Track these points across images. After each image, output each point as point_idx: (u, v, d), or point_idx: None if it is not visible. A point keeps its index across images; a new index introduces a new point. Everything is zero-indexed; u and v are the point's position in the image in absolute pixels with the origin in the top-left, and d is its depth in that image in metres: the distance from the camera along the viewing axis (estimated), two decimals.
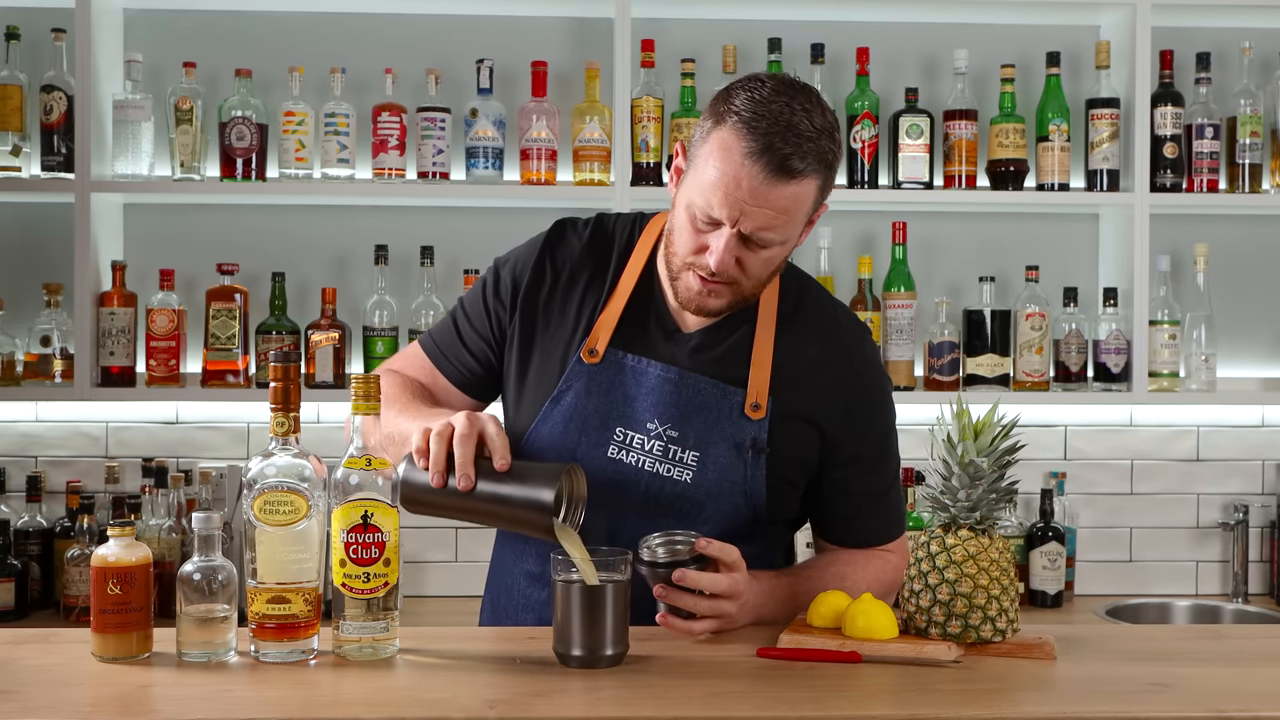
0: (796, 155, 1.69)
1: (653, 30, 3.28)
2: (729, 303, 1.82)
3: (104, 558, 1.60)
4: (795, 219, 1.74)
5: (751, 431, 1.84)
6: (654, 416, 1.84)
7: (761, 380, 1.85)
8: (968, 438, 1.66)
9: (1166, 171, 3.26)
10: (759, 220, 1.72)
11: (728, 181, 1.70)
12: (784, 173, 1.69)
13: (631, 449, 1.84)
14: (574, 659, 1.58)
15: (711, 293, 1.79)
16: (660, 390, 1.85)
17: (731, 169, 1.70)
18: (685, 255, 1.78)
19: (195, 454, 3.32)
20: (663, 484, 1.82)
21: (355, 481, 1.61)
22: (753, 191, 1.69)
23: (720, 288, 1.79)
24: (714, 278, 1.77)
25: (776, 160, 1.68)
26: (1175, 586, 3.46)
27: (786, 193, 1.70)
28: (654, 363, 1.86)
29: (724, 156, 1.70)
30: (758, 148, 1.68)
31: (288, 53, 3.29)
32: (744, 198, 1.70)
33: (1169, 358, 3.28)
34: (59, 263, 3.21)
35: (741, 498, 1.84)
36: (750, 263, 1.77)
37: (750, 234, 1.73)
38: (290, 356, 1.63)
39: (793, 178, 1.70)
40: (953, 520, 1.68)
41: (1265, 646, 1.79)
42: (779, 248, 1.77)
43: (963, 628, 1.64)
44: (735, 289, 1.79)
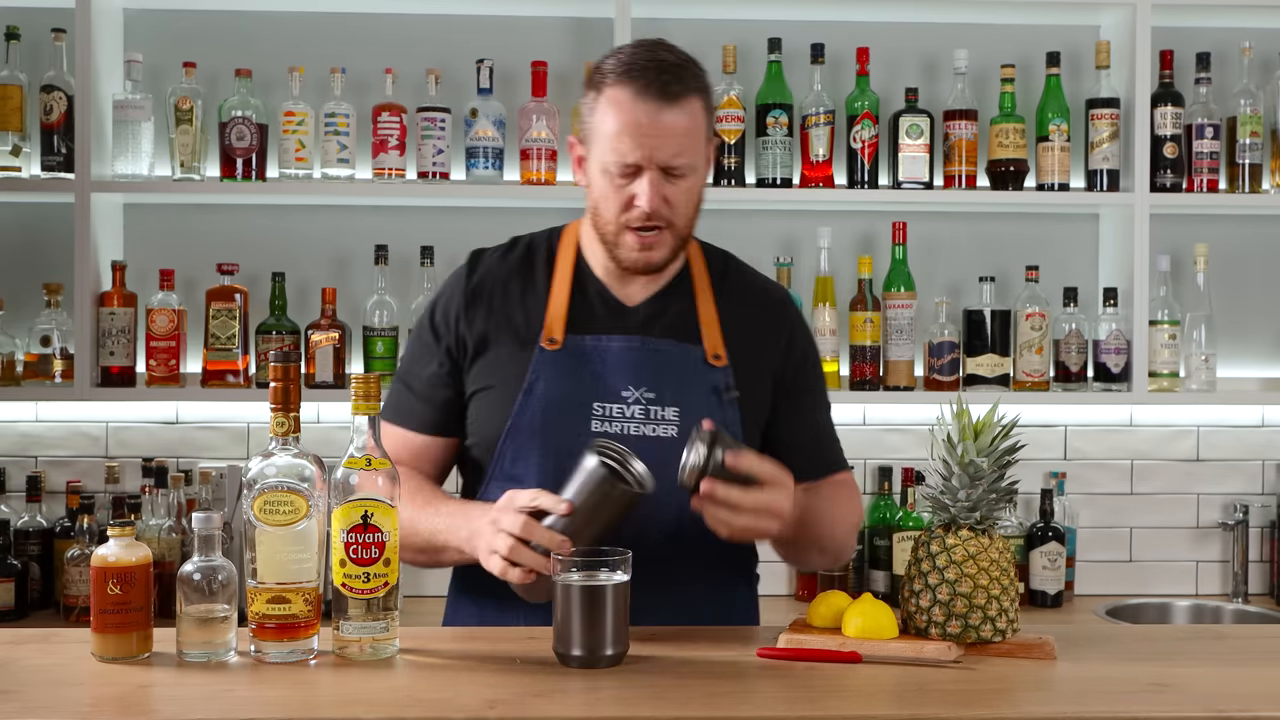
0: (675, 80, 1.87)
1: (653, 30, 3.26)
2: (670, 248, 1.93)
3: (104, 558, 1.61)
4: (696, 140, 1.89)
5: (719, 378, 1.97)
6: (627, 384, 1.94)
7: (714, 335, 1.99)
8: (968, 438, 1.66)
9: (1166, 171, 3.26)
10: (669, 149, 1.86)
11: (630, 125, 1.86)
12: (671, 97, 1.86)
13: (613, 419, 1.92)
14: (574, 659, 1.59)
15: (652, 244, 1.91)
16: (626, 360, 1.95)
17: (628, 114, 1.86)
18: (616, 217, 1.91)
19: (195, 454, 3.32)
20: (650, 445, 1.89)
21: (355, 481, 1.61)
22: (653, 124, 1.85)
23: (657, 235, 1.91)
24: (649, 224, 1.89)
25: (661, 90, 1.86)
26: (1175, 586, 3.46)
27: (680, 115, 1.86)
28: (614, 337, 1.97)
29: (618, 109, 1.87)
30: (641, 86, 1.86)
31: (288, 53, 3.29)
32: (648, 132, 1.85)
33: (1169, 358, 3.28)
34: (59, 263, 3.21)
35: None
36: (675, 198, 1.89)
37: (666, 165, 1.86)
38: (290, 356, 1.64)
39: (679, 99, 1.86)
40: (953, 520, 1.68)
41: (1265, 646, 1.79)
42: (693, 176, 1.91)
43: (963, 628, 1.64)
44: (671, 231, 1.92)
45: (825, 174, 3.24)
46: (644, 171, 1.87)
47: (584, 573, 1.60)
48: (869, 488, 3.39)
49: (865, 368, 3.25)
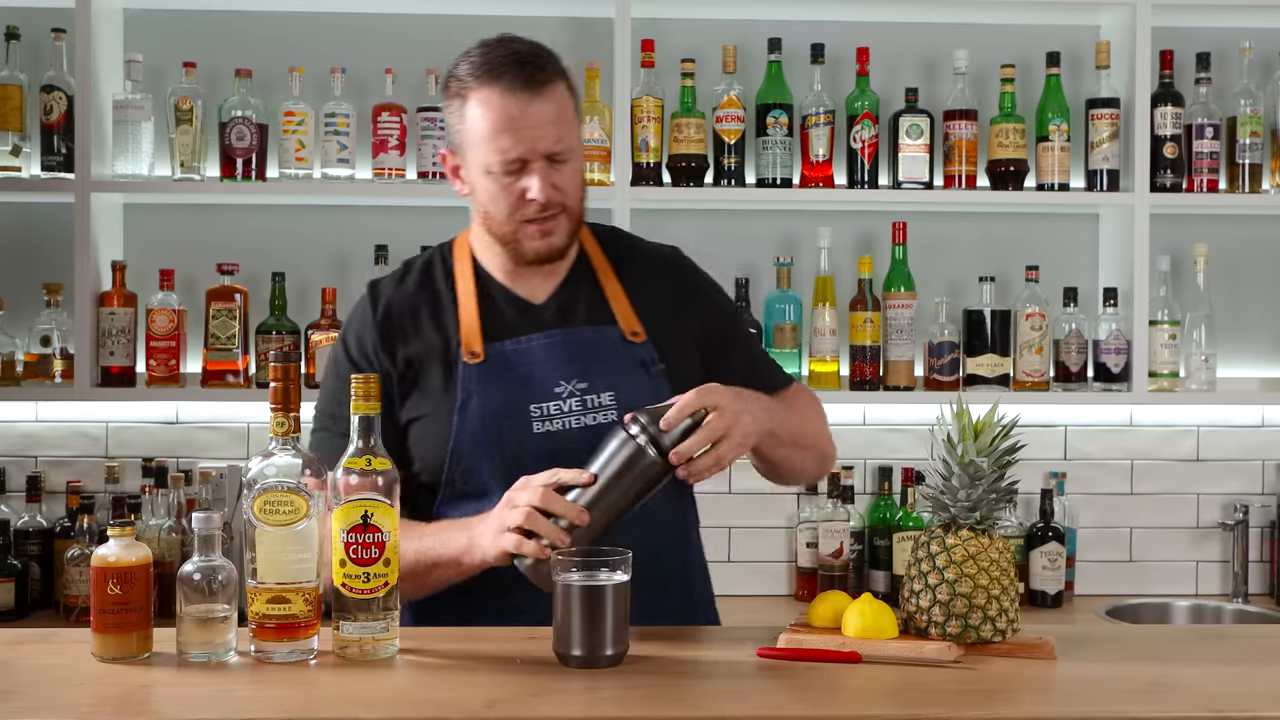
0: (536, 70, 1.90)
1: (653, 30, 3.28)
2: (568, 232, 1.95)
3: (104, 558, 1.61)
4: (570, 122, 1.93)
5: (642, 353, 1.98)
6: (558, 379, 1.94)
7: (626, 312, 2.01)
8: (968, 438, 1.66)
9: (1166, 171, 3.26)
10: (549, 136, 1.88)
11: (505, 122, 1.87)
12: (537, 86, 1.88)
13: (553, 416, 1.92)
14: (574, 659, 1.58)
15: (551, 231, 1.93)
16: (550, 356, 1.95)
17: (501, 112, 1.88)
18: (509, 214, 1.92)
19: (195, 454, 3.32)
20: (595, 433, 1.88)
21: (355, 481, 1.61)
22: (526, 116, 1.87)
23: (554, 220, 1.93)
24: (545, 213, 1.90)
25: (526, 81, 1.88)
26: (1175, 586, 3.46)
27: (549, 102, 1.89)
28: (533, 336, 1.97)
29: (488, 109, 1.88)
30: (506, 82, 1.88)
31: (288, 53, 3.29)
32: (525, 125, 1.87)
33: (1169, 358, 3.28)
34: (59, 263, 3.21)
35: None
36: (563, 182, 1.91)
37: (549, 152, 1.88)
38: (290, 356, 1.64)
39: (545, 87, 1.89)
40: (953, 520, 1.68)
41: (1265, 646, 1.79)
42: (574, 158, 1.93)
43: (963, 628, 1.64)
44: (566, 214, 1.94)
45: (825, 174, 3.24)
46: (530, 164, 1.88)
47: (584, 573, 1.60)
48: (869, 488, 3.39)
49: (865, 368, 3.25)
